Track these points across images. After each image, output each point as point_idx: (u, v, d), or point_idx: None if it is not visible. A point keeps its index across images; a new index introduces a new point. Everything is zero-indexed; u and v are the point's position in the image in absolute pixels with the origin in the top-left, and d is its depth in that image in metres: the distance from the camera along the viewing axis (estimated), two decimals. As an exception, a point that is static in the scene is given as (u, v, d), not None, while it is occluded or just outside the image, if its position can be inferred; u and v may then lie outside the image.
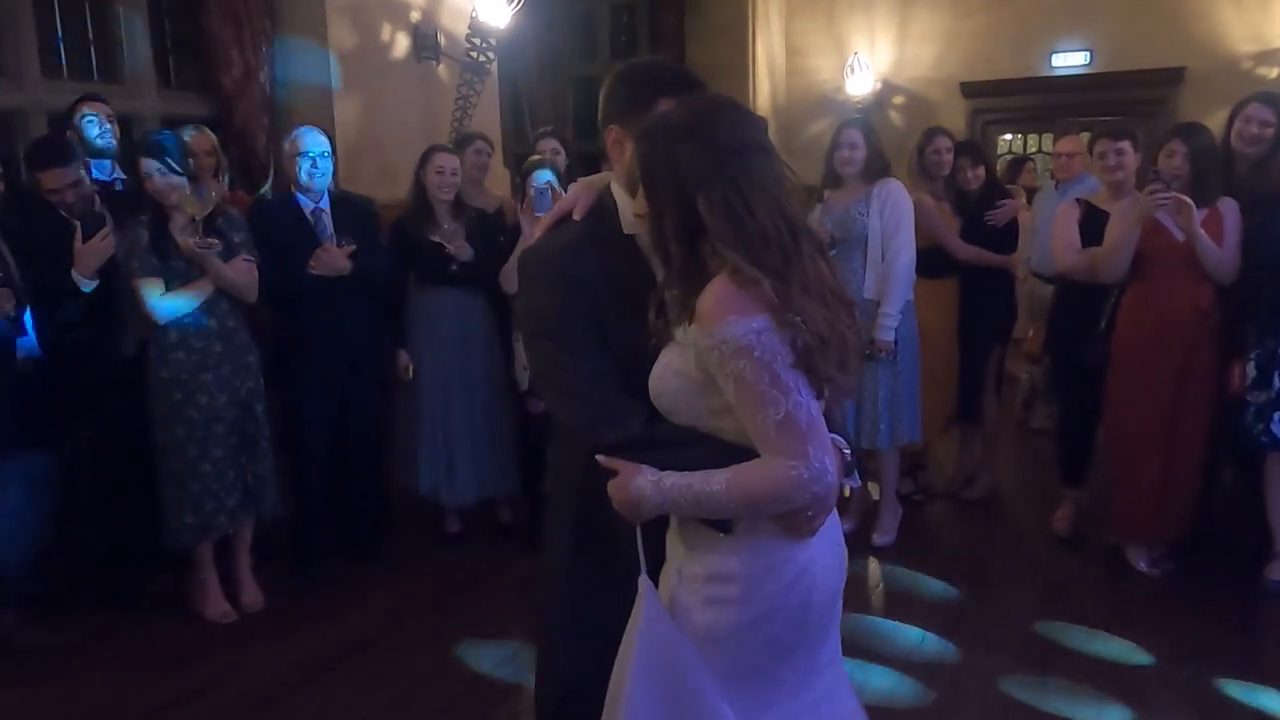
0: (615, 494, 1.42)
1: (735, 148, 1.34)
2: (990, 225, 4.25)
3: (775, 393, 1.30)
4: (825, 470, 1.32)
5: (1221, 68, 7.09)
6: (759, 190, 1.33)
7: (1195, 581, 3.55)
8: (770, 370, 1.29)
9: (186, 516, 3.26)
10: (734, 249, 1.31)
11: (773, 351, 1.29)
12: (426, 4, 5.05)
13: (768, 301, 1.29)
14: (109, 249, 3.18)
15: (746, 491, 1.34)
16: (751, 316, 1.30)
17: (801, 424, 1.31)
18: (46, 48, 4.11)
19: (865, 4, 8.19)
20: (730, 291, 1.31)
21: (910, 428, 3.94)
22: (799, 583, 1.41)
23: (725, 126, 1.36)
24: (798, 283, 1.32)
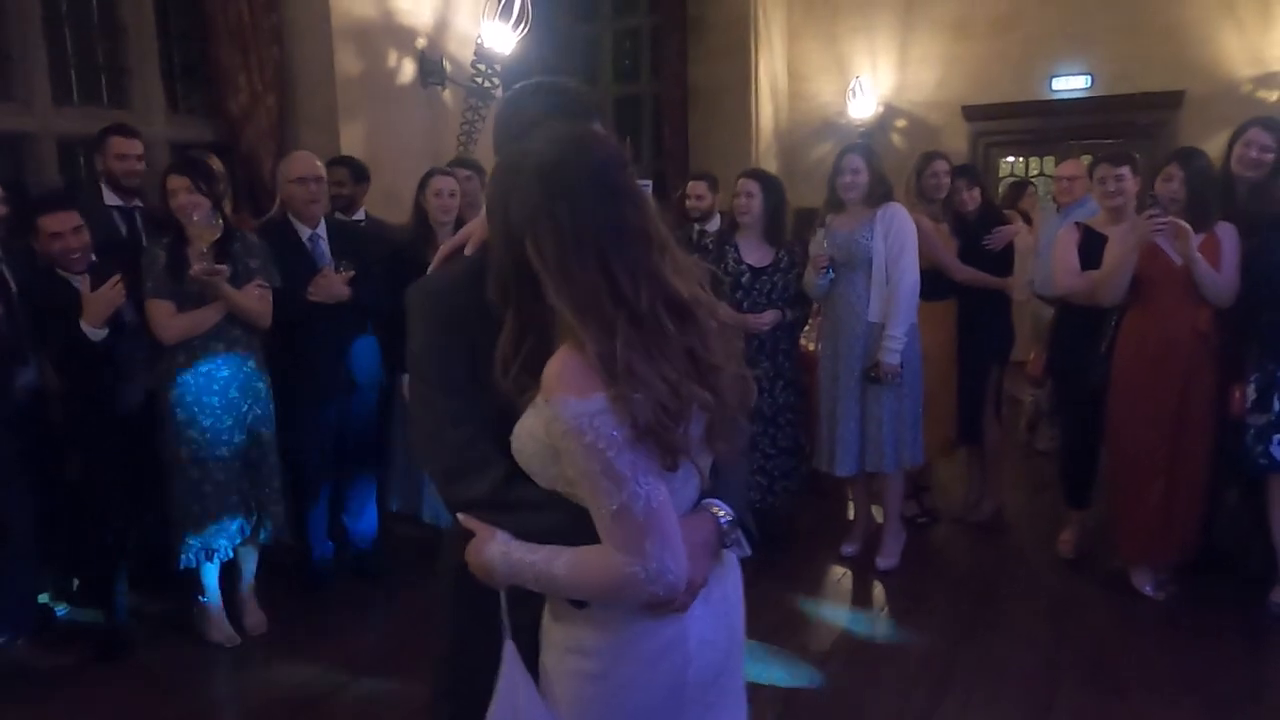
0: (469, 558, 1.34)
1: (576, 187, 1.20)
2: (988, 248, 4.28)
3: (607, 482, 1.18)
4: (664, 570, 1.20)
5: (1221, 91, 7.14)
6: (597, 235, 1.19)
7: (1200, 605, 3.54)
8: (602, 458, 1.17)
9: (190, 539, 3.27)
10: (563, 300, 1.19)
11: (606, 438, 1.17)
12: (432, 30, 5.11)
13: (605, 379, 1.17)
14: (119, 297, 3.10)
15: (584, 580, 1.25)
16: (587, 396, 1.17)
17: (638, 517, 1.19)
18: (57, 73, 4.16)
19: (867, 28, 8.27)
20: (570, 365, 1.19)
21: (914, 450, 3.95)
22: (665, 658, 1.31)
23: (571, 163, 1.22)
24: (638, 346, 1.18)
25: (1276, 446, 3.33)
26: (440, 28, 5.15)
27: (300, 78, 4.69)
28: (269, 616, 3.52)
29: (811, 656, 3.28)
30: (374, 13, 4.79)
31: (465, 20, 5.24)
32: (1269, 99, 7.08)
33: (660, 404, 1.18)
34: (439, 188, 3.89)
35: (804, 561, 4.10)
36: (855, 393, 3.87)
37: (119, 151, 3.61)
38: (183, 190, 3.18)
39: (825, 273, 3.89)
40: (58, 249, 3.14)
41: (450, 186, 3.92)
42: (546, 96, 1.50)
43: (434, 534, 4.12)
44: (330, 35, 4.60)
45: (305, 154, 3.75)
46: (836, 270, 3.90)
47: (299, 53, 4.66)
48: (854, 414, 3.89)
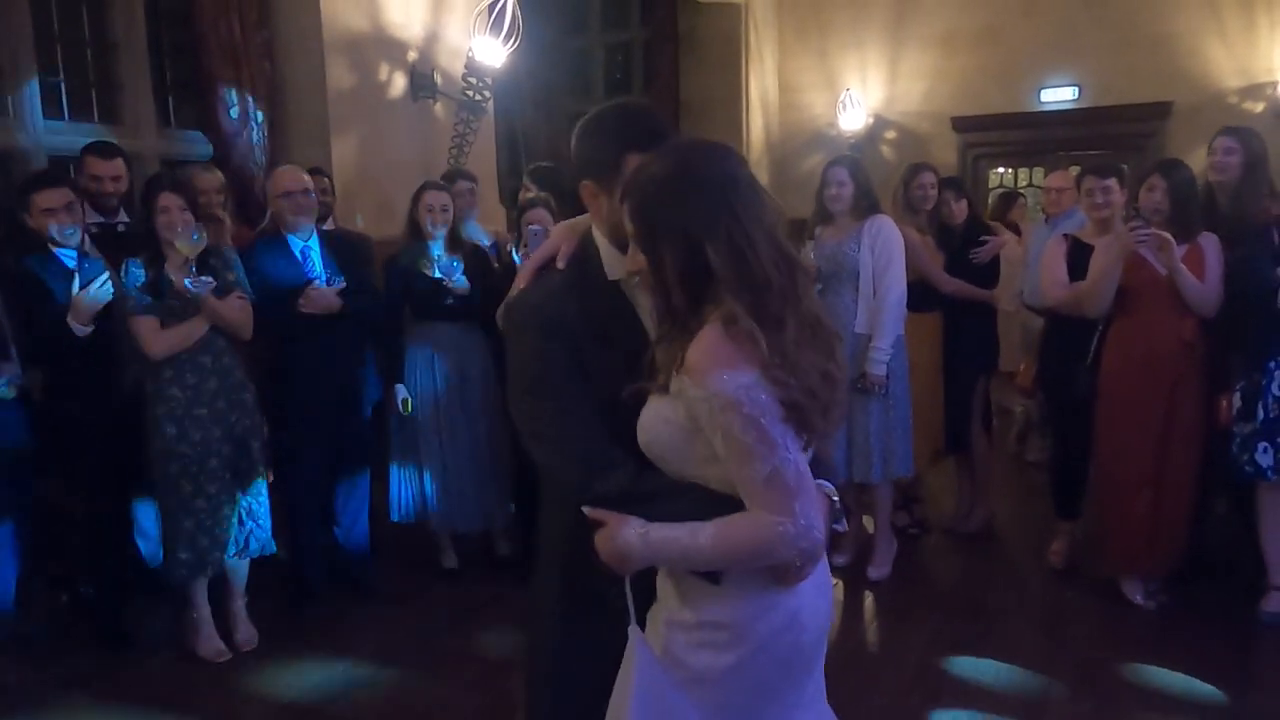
0: (602, 546, 1.42)
1: (729, 185, 1.34)
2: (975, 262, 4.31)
3: (762, 448, 1.29)
4: (811, 526, 1.33)
5: (1208, 102, 7.19)
6: (759, 227, 1.33)
7: (1191, 614, 3.55)
8: (758, 426, 1.29)
9: (181, 553, 3.26)
10: (738, 295, 1.30)
11: (760, 407, 1.29)
12: (424, 44, 5.13)
13: (759, 356, 1.29)
14: (106, 295, 3.17)
15: (732, 546, 1.34)
16: (740, 370, 1.29)
17: (789, 480, 1.31)
18: (48, 89, 4.17)
19: (857, 41, 8.32)
20: (720, 343, 1.30)
21: (903, 461, 3.96)
22: (788, 628, 1.43)
23: (714, 166, 1.35)
24: (793, 330, 1.32)
25: (1262, 454, 3.35)
26: (431, 41, 5.18)
27: (291, 92, 4.70)
28: (260, 630, 3.51)
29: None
30: (365, 26, 4.81)
31: (456, 34, 5.27)
32: (1255, 110, 7.14)
33: (810, 389, 1.32)
34: (430, 202, 3.91)
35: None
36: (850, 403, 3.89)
37: (93, 172, 3.56)
38: (175, 208, 3.20)
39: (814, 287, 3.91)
40: (52, 223, 3.18)
41: (443, 201, 3.94)
42: (628, 123, 1.58)
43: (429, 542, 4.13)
44: (321, 49, 4.62)
45: (291, 168, 3.77)
46: (824, 282, 3.92)
47: (290, 67, 4.68)
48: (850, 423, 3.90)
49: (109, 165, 3.59)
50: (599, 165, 1.53)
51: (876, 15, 8.21)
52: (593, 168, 1.55)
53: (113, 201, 3.64)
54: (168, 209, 3.20)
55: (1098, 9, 7.51)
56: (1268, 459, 3.33)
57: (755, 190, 1.36)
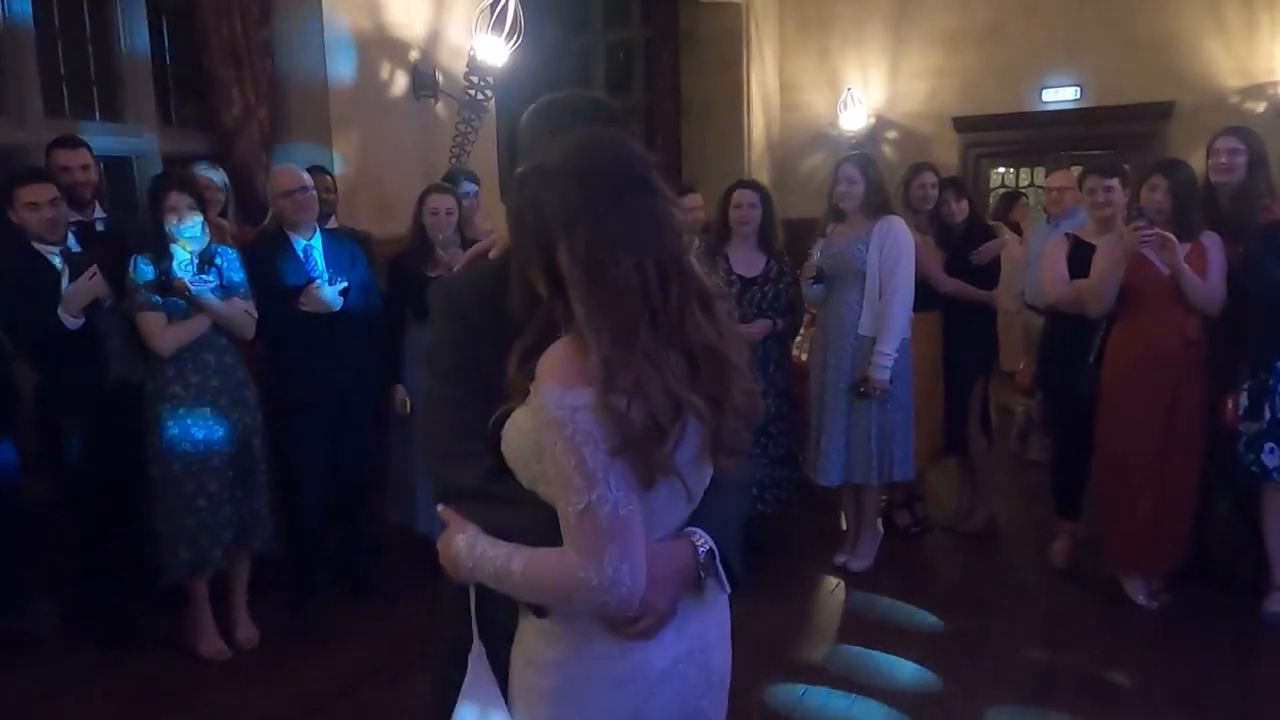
0: (440, 549, 1.34)
1: (614, 188, 1.20)
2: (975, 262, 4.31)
3: (579, 479, 1.16)
4: (619, 581, 1.16)
5: (1210, 102, 7.19)
6: (636, 234, 1.18)
7: (1193, 614, 3.55)
8: (578, 454, 1.15)
9: (182, 552, 3.26)
10: (582, 302, 1.17)
11: (585, 434, 1.15)
12: (425, 43, 5.12)
13: (598, 377, 1.14)
14: (97, 287, 3.21)
15: (537, 581, 1.22)
16: (574, 390, 1.15)
17: (602, 521, 1.16)
18: (49, 86, 4.16)
19: (858, 41, 8.31)
20: (564, 356, 1.18)
21: (903, 465, 3.96)
22: (625, 686, 1.27)
23: (599, 163, 1.22)
24: (652, 352, 1.16)
25: (1268, 455, 3.34)
26: (433, 40, 5.17)
27: (293, 90, 4.70)
28: (260, 629, 3.50)
29: (803, 668, 3.27)
30: (367, 25, 4.81)
31: (458, 32, 5.26)
32: (1257, 110, 7.13)
33: (654, 416, 1.16)
34: (435, 205, 3.91)
35: (795, 573, 4.09)
36: (843, 404, 3.88)
37: (61, 164, 3.50)
38: (184, 207, 3.21)
39: (813, 284, 3.92)
40: (34, 220, 3.20)
41: (447, 204, 3.93)
42: (562, 108, 1.51)
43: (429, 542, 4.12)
44: (323, 48, 4.61)
45: (290, 167, 3.76)
46: (829, 281, 3.91)
47: (292, 65, 4.67)
48: (840, 426, 3.90)
49: (75, 155, 3.54)
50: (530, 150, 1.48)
51: (878, 14, 8.20)
52: (525, 153, 1.49)
53: (86, 193, 3.57)
54: (176, 208, 3.20)
55: (1099, 9, 7.50)
56: (1274, 459, 3.33)
57: (645, 195, 1.21)
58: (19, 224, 3.23)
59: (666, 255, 1.19)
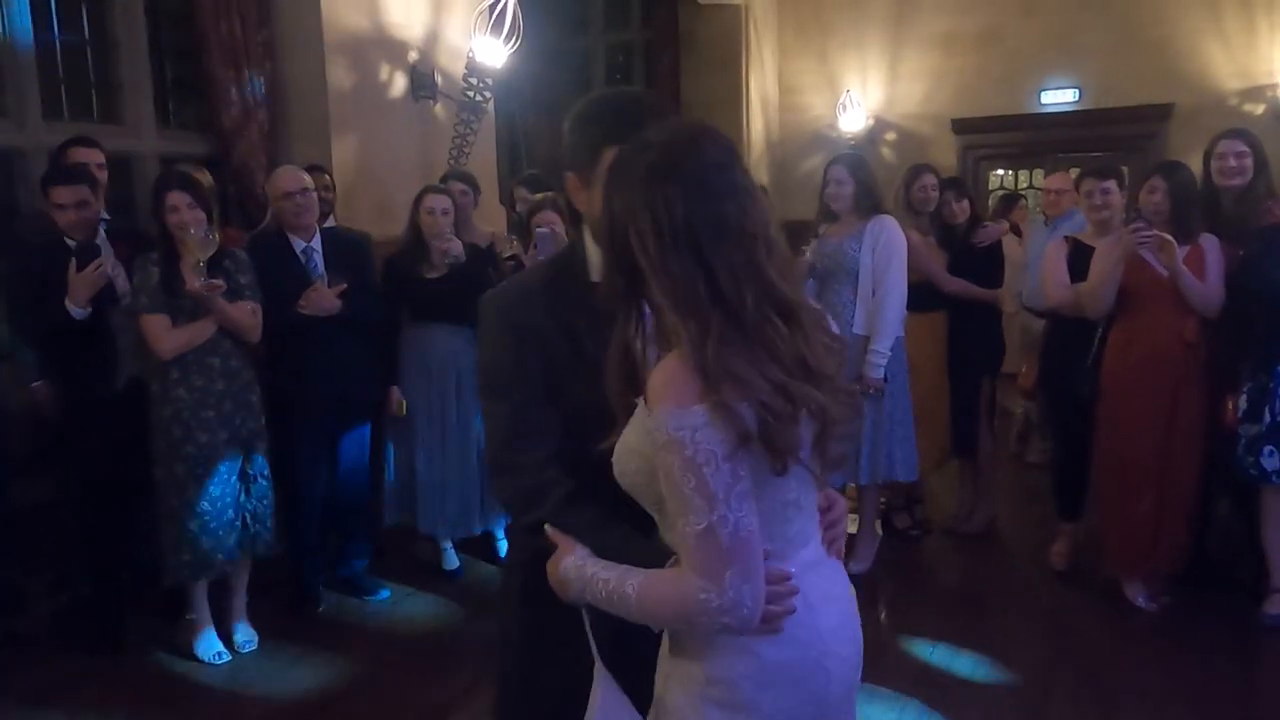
0: (550, 570, 1.34)
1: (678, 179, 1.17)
2: (976, 259, 4.31)
3: (699, 500, 1.14)
4: (740, 602, 1.15)
5: (1209, 104, 7.19)
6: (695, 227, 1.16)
7: (1193, 616, 3.54)
8: (699, 474, 1.13)
9: (183, 555, 3.25)
10: (663, 296, 1.16)
11: (705, 453, 1.13)
12: (424, 44, 5.12)
13: (703, 384, 1.13)
14: (102, 279, 3.22)
15: (654, 603, 1.21)
16: (688, 407, 1.13)
17: (723, 542, 1.14)
18: (48, 89, 4.16)
19: (857, 43, 8.32)
20: (675, 373, 1.16)
21: (905, 466, 3.94)
22: (811, 679, 1.28)
23: (678, 157, 1.19)
24: (737, 344, 1.15)
25: (1268, 457, 3.34)
26: (432, 41, 5.17)
27: (292, 92, 4.69)
28: (259, 632, 3.50)
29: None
30: (366, 27, 4.80)
31: (457, 34, 5.26)
32: (1255, 112, 7.14)
33: (765, 404, 1.14)
34: (432, 205, 3.91)
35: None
36: None
37: (76, 160, 3.53)
38: (184, 206, 3.20)
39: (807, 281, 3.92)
40: (61, 219, 3.28)
41: (444, 204, 3.93)
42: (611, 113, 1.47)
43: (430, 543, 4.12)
44: (322, 49, 4.61)
45: (290, 169, 3.76)
46: (823, 280, 3.91)
47: (291, 67, 4.67)
48: None
49: (91, 152, 3.59)
50: (580, 157, 1.45)
51: (876, 16, 8.21)
52: (575, 160, 1.47)
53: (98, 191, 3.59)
54: (177, 207, 3.20)
55: (1098, 11, 7.51)
56: (1274, 462, 3.32)
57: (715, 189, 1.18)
58: (50, 218, 3.31)
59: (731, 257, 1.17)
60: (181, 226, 3.18)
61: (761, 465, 1.17)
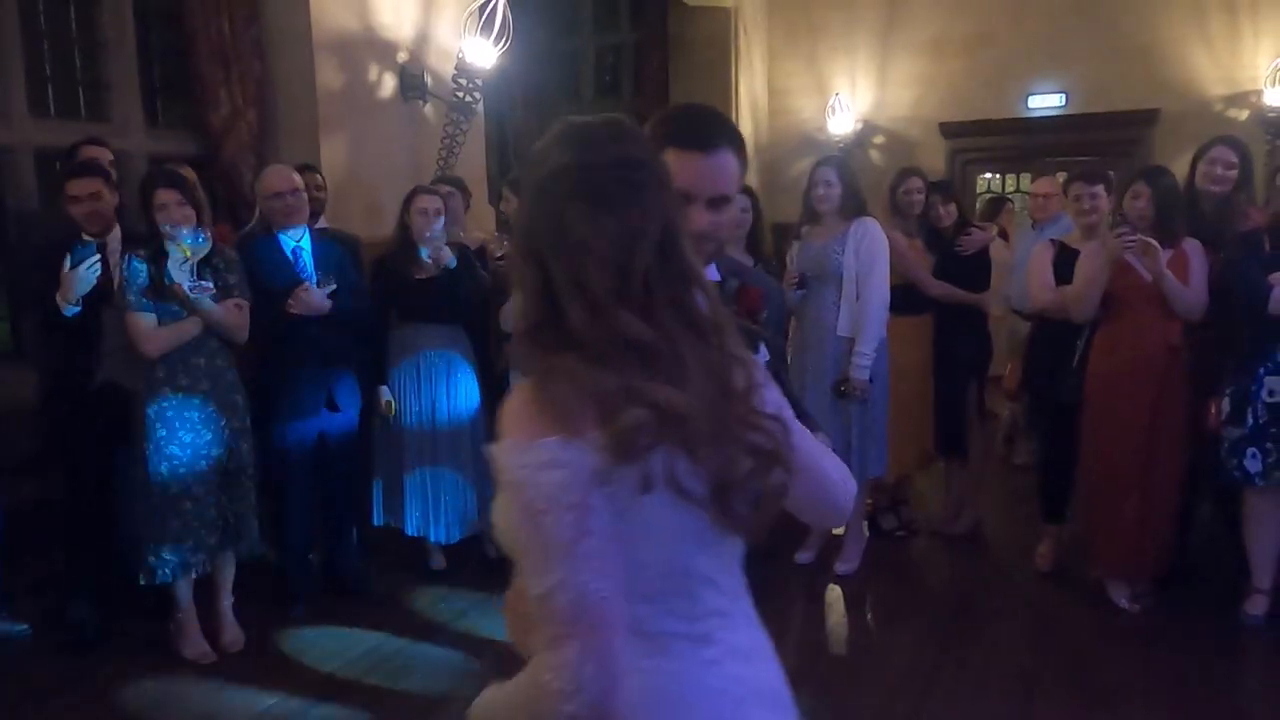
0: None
1: (565, 183, 1.03)
2: (963, 263, 4.33)
3: (538, 557, 0.97)
4: (581, 688, 0.93)
5: (1194, 110, 7.26)
6: (561, 235, 1.02)
7: (1176, 616, 3.57)
8: (534, 522, 0.97)
9: (166, 554, 3.24)
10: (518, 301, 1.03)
11: (548, 498, 0.96)
12: (414, 44, 5.12)
13: (560, 416, 0.97)
14: (93, 277, 3.21)
15: (506, 704, 1.03)
16: (535, 440, 0.97)
17: (563, 609, 0.95)
18: (34, 86, 4.14)
19: (846, 47, 8.35)
20: (524, 402, 1.01)
21: (876, 462, 3.98)
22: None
23: (565, 159, 1.04)
24: (615, 362, 0.99)
25: (1250, 460, 3.37)
26: (421, 42, 5.17)
27: (281, 91, 4.69)
28: (246, 632, 3.48)
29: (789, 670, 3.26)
30: (355, 27, 4.80)
31: (447, 34, 5.26)
32: (1239, 118, 7.21)
33: (619, 438, 0.97)
34: (423, 205, 3.91)
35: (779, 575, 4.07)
36: (824, 405, 3.90)
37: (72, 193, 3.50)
38: (174, 204, 3.19)
39: (795, 289, 3.94)
40: (75, 212, 3.31)
41: (434, 205, 3.93)
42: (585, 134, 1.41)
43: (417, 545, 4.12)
44: (311, 49, 4.60)
45: (280, 168, 3.76)
46: (808, 284, 3.94)
47: (280, 66, 4.66)
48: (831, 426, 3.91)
49: (101, 150, 3.67)
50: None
51: (866, 20, 8.24)
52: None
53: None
54: (165, 205, 3.19)
55: (1085, 17, 7.56)
56: (1256, 464, 3.36)
57: (585, 188, 1.03)
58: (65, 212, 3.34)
59: (622, 263, 1.01)
60: (170, 223, 3.17)
61: (643, 520, 1.01)
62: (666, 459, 1.00)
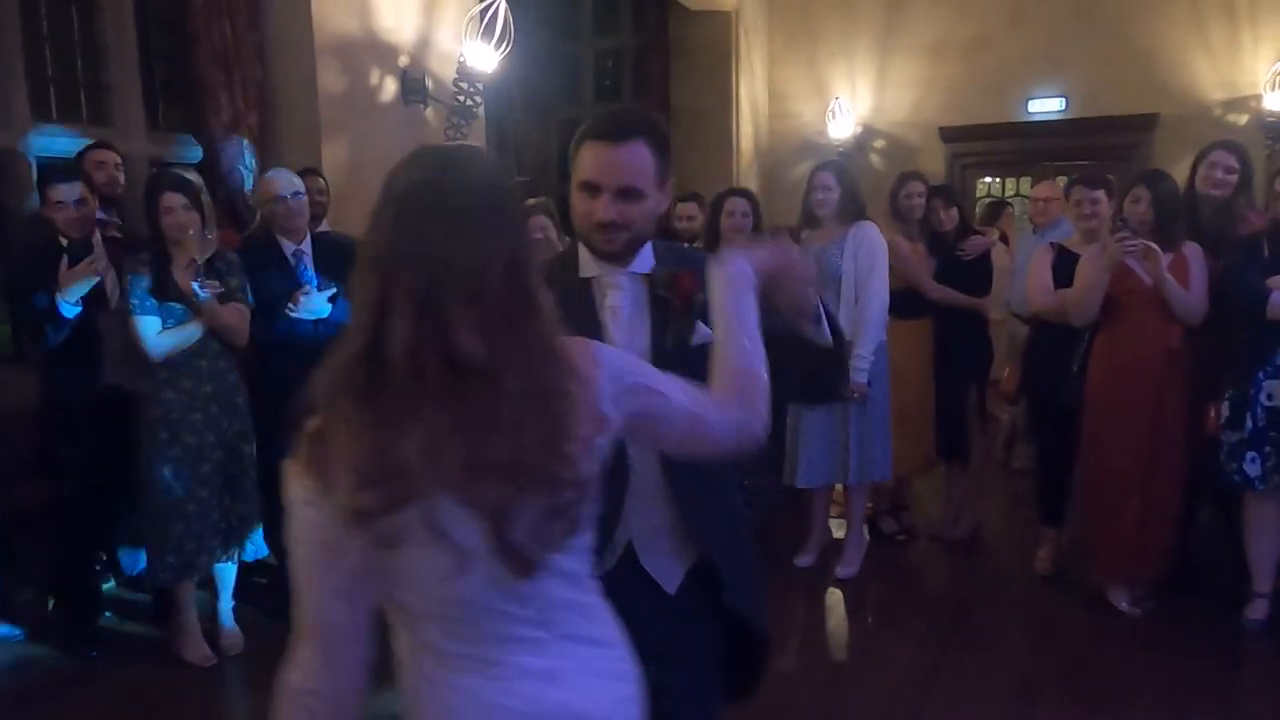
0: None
1: (381, 209, 1.05)
2: (964, 267, 4.33)
3: (297, 573, 1.12)
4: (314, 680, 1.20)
5: (1193, 114, 7.26)
6: (381, 262, 1.03)
7: (1176, 620, 3.57)
8: (294, 548, 1.10)
9: (168, 556, 3.25)
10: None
11: (304, 530, 1.09)
12: (415, 48, 5.13)
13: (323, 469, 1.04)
14: (90, 274, 3.22)
15: None
16: (300, 477, 1.07)
17: (306, 621, 1.15)
18: (36, 90, 4.15)
19: (846, 51, 8.36)
20: (307, 438, 1.08)
21: (881, 467, 3.99)
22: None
23: (390, 183, 1.07)
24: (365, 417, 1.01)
25: (1249, 464, 3.38)
26: (423, 46, 5.17)
27: (282, 95, 4.69)
28: (246, 635, 3.49)
29: (786, 676, 3.27)
30: (357, 30, 4.81)
31: (448, 38, 5.27)
32: (1239, 122, 7.21)
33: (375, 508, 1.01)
34: None
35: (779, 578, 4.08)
36: (826, 407, 3.91)
37: (98, 159, 3.71)
38: (179, 208, 3.20)
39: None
40: (59, 218, 3.29)
41: None
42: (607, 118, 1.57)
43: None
44: (313, 53, 4.60)
45: (281, 173, 3.76)
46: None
47: (281, 70, 4.67)
48: (819, 429, 3.93)
49: (109, 154, 3.76)
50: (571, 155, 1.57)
51: (866, 25, 8.26)
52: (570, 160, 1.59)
53: (116, 190, 3.77)
54: (172, 209, 3.20)
55: (1085, 21, 7.58)
56: (1255, 468, 3.36)
57: (403, 210, 1.04)
58: (47, 218, 3.33)
59: (481, 282, 1.02)
60: (177, 227, 3.18)
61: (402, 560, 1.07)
62: (428, 507, 1.03)
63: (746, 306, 1.31)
